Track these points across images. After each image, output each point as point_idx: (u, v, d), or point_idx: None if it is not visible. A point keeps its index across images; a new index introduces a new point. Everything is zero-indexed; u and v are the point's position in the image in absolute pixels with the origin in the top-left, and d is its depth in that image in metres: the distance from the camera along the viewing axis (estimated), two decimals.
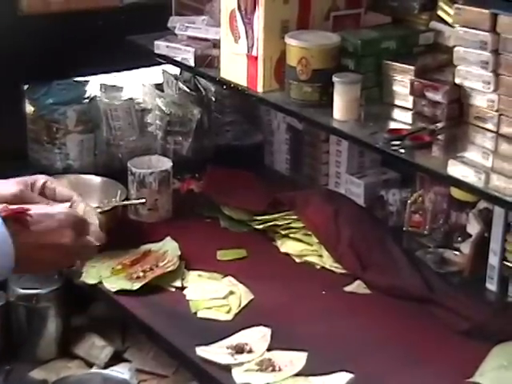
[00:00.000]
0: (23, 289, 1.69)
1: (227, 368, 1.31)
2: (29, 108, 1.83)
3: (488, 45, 1.19)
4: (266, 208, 1.71)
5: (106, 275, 1.54)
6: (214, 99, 1.99)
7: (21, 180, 1.12)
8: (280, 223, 1.69)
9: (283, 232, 1.69)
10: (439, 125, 1.29)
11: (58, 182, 1.09)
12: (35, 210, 0.97)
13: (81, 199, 1.09)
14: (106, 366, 1.70)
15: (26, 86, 1.81)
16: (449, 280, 1.53)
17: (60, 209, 1.00)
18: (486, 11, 1.18)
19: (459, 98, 1.29)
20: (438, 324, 1.41)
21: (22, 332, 1.72)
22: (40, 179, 1.10)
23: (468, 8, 1.20)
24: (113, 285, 1.51)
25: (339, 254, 1.59)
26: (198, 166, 1.92)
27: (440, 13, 1.43)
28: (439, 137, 1.28)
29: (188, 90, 1.95)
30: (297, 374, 1.29)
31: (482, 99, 1.23)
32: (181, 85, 1.95)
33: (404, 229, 1.69)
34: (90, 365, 1.71)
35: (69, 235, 0.97)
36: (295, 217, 1.68)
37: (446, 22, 1.42)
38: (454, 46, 1.27)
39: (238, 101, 2.01)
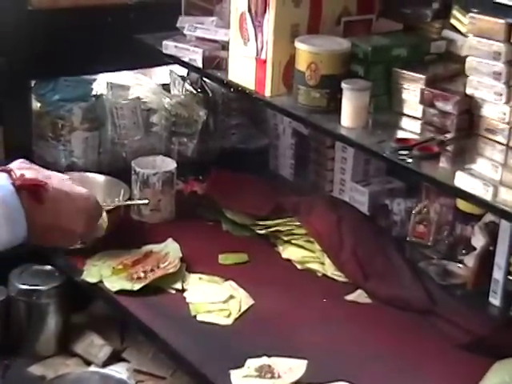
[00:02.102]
0: (24, 284, 1.69)
1: (226, 372, 1.30)
2: (35, 104, 1.82)
3: (502, 55, 1.18)
4: (269, 213, 1.70)
5: (107, 274, 1.53)
6: (220, 101, 1.98)
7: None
8: (282, 229, 1.68)
9: (285, 238, 1.67)
10: (448, 135, 1.28)
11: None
12: (54, 183, 0.93)
13: None
14: (104, 365, 1.69)
15: (32, 82, 1.80)
16: (451, 292, 1.52)
17: (80, 191, 0.97)
18: (501, 21, 1.16)
19: (469, 109, 1.28)
20: (439, 336, 1.40)
21: (21, 327, 1.71)
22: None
23: (482, 17, 1.19)
24: (113, 284, 1.50)
25: (341, 262, 1.58)
26: (202, 168, 1.91)
27: (453, 21, 1.41)
28: (448, 148, 1.26)
29: (194, 92, 1.94)
30: (296, 383, 1.27)
31: (494, 111, 1.22)
32: (187, 86, 1.94)
33: (407, 239, 1.68)
34: (88, 363, 1.71)
35: (82, 224, 0.96)
36: (298, 223, 1.67)
37: (458, 31, 1.41)
38: (467, 56, 1.26)
39: (244, 104, 2.00)
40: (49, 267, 1.72)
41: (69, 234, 0.96)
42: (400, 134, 1.35)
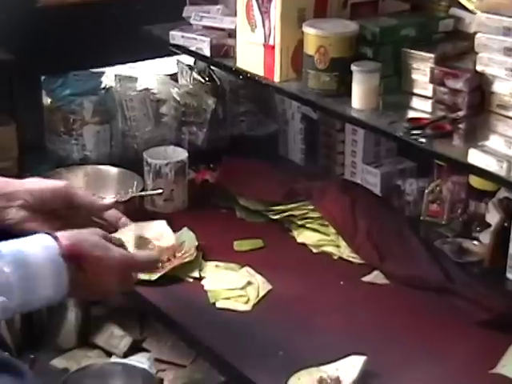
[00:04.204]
0: None
1: (245, 358, 1.31)
2: (46, 99, 1.83)
3: None
4: (282, 198, 1.70)
5: None
6: (228, 89, 1.98)
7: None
8: (296, 213, 1.68)
9: (300, 222, 1.68)
10: (460, 113, 1.28)
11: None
12: (92, 252, 1.01)
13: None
14: (125, 356, 1.71)
15: (43, 78, 1.80)
16: (468, 270, 1.52)
17: (115, 254, 1.04)
18: None
19: (480, 86, 1.28)
20: (458, 314, 1.40)
21: (42, 321, 1.73)
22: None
23: None
24: None
25: (357, 244, 1.58)
26: (212, 157, 1.91)
27: None
28: (460, 125, 1.26)
29: (202, 81, 1.94)
30: (310, 365, 1.27)
31: (505, 87, 1.22)
32: (195, 75, 1.94)
33: (421, 218, 1.68)
34: (110, 354, 1.72)
35: (115, 285, 1.04)
36: (311, 207, 1.67)
37: (466, 9, 1.40)
38: (476, 33, 1.26)
39: (252, 91, 2.00)
40: None
41: (101, 292, 1.05)
42: (411, 114, 1.35)
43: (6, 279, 0.93)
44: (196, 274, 1.53)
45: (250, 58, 1.52)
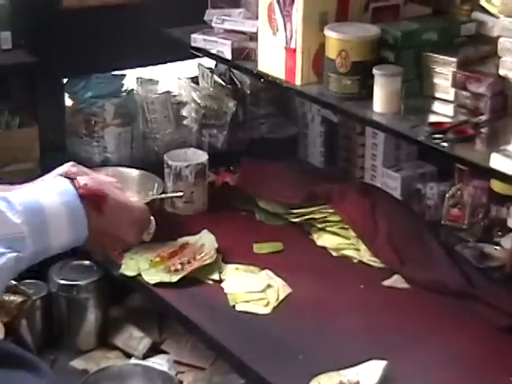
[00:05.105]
0: (64, 280, 1.71)
1: (265, 360, 1.31)
2: (68, 101, 1.85)
3: None
4: (302, 201, 1.71)
5: (145, 267, 1.55)
6: (248, 92, 1.99)
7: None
8: (316, 216, 1.68)
9: (320, 225, 1.68)
10: (482, 118, 1.27)
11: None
12: (112, 195, 0.98)
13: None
14: (144, 357, 1.71)
15: (65, 80, 1.82)
16: (489, 275, 1.51)
17: (135, 203, 1.03)
18: None
19: (503, 90, 1.27)
20: (479, 320, 1.39)
21: (62, 322, 1.74)
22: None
23: None
24: (152, 277, 1.52)
25: (377, 247, 1.58)
26: (232, 159, 1.92)
27: (482, 3, 1.41)
28: (482, 130, 1.26)
29: (223, 83, 1.95)
30: (330, 369, 1.27)
31: None
32: (216, 78, 1.95)
33: (442, 223, 1.68)
34: (129, 355, 1.73)
35: (133, 234, 1.01)
36: (331, 210, 1.67)
37: (488, 13, 1.40)
38: (498, 37, 1.25)
39: (272, 94, 2.01)
40: (87, 262, 1.75)
41: (120, 242, 1.01)
42: (433, 118, 1.35)
43: (17, 230, 0.89)
44: (216, 277, 1.54)
45: (271, 61, 1.52)
